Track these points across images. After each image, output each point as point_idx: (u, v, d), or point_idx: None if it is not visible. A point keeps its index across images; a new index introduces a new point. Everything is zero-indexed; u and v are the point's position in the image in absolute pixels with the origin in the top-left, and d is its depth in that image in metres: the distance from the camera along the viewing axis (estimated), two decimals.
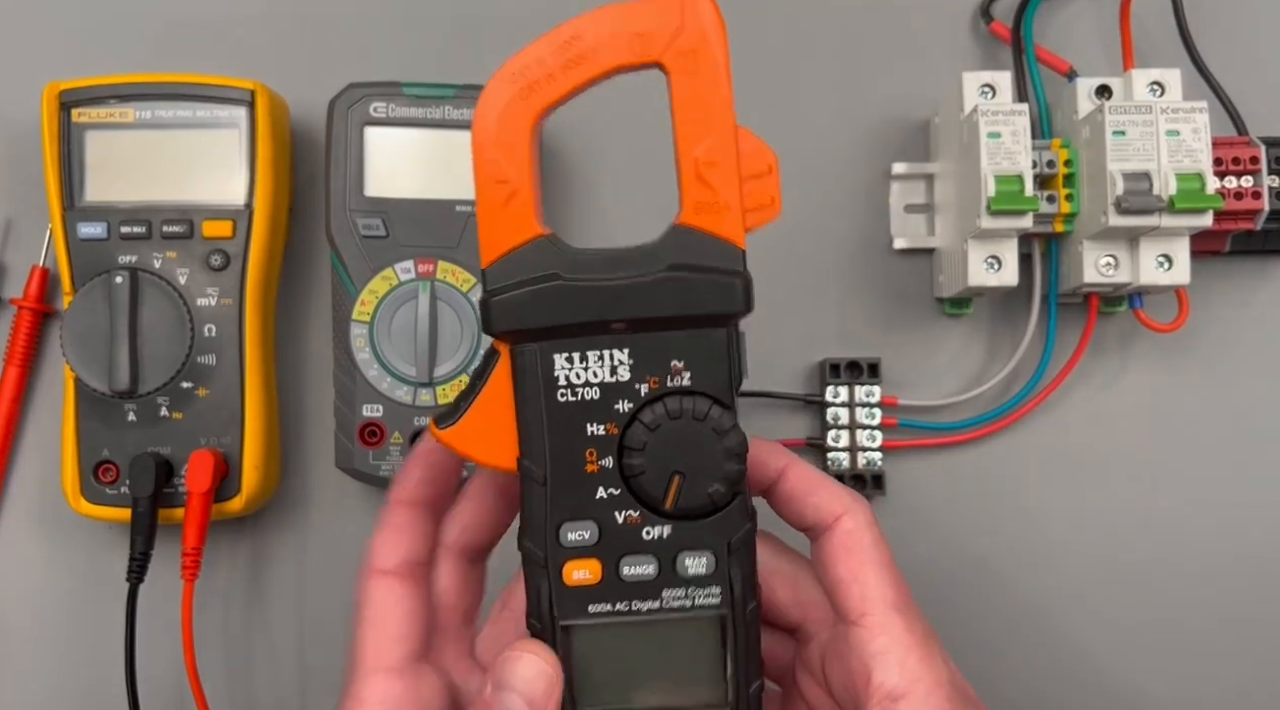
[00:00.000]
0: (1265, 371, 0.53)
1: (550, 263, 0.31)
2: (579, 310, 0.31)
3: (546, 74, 0.31)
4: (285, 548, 0.52)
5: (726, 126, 0.31)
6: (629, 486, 0.32)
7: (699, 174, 0.31)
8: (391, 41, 0.54)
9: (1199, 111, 0.46)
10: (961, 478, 0.52)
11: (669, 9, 0.30)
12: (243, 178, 0.49)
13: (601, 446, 0.32)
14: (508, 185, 0.31)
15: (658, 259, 0.31)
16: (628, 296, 0.31)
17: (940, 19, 0.54)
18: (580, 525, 0.32)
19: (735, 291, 0.31)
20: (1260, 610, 0.52)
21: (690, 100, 0.31)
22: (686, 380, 0.31)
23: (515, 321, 0.31)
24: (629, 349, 0.31)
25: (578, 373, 0.32)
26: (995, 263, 0.48)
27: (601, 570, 0.32)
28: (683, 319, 0.31)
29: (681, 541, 0.32)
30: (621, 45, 0.30)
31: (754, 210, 0.31)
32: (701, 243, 0.31)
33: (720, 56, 0.30)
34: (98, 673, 0.50)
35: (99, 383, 0.47)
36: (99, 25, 0.53)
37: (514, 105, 0.31)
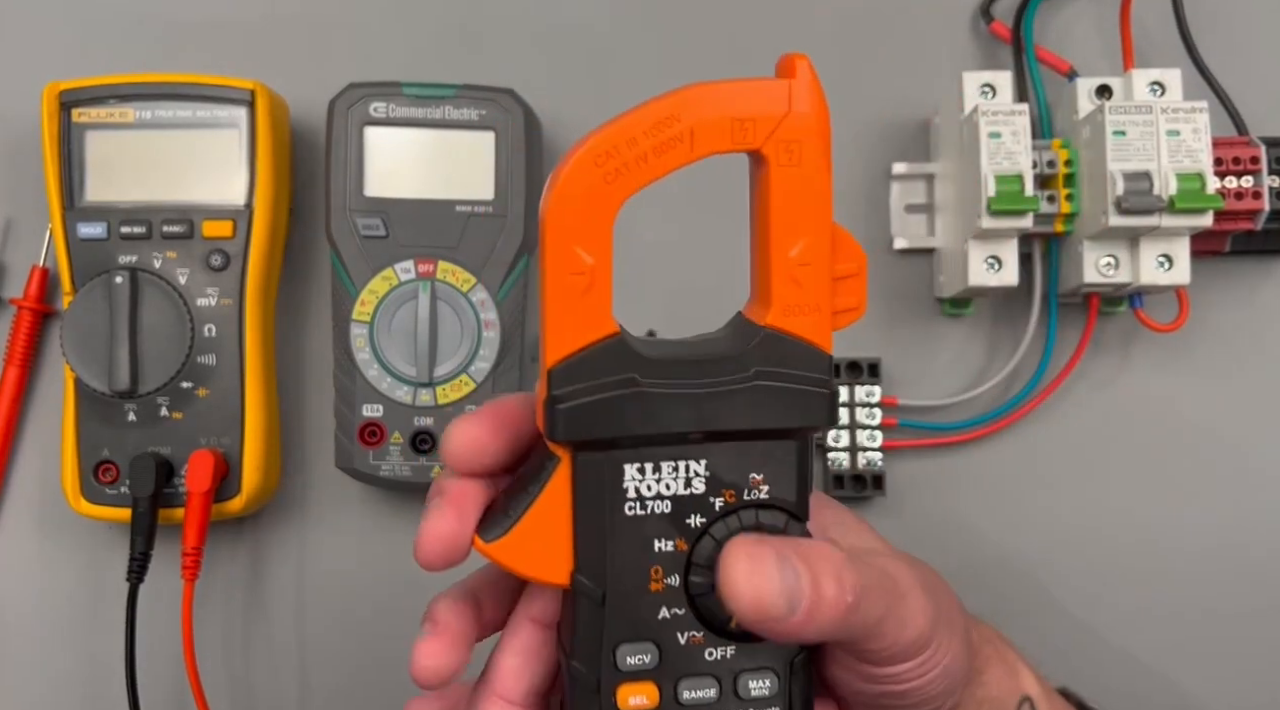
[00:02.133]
0: (1265, 371, 0.53)
1: (626, 365, 0.28)
2: (658, 421, 0.28)
3: (638, 156, 0.27)
4: (285, 548, 0.52)
5: (824, 225, 0.28)
6: (693, 605, 0.30)
7: (792, 275, 0.28)
8: (391, 41, 0.54)
9: (1199, 111, 0.46)
10: (961, 478, 0.52)
11: (776, 94, 0.28)
12: (243, 178, 0.49)
13: (669, 563, 0.29)
14: (585, 277, 0.27)
15: (743, 364, 0.29)
16: (714, 408, 0.29)
17: (940, 19, 0.54)
18: (639, 647, 0.30)
19: (822, 404, 0.29)
20: (1260, 610, 0.52)
21: (789, 194, 0.28)
22: (764, 493, 0.30)
23: (587, 431, 0.28)
24: (706, 460, 0.29)
25: (649, 485, 0.29)
26: (995, 263, 0.48)
27: (659, 695, 0.30)
28: (767, 431, 0.29)
29: (744, 662, 0.30)
30: (723, 131, 0.27)
31: (842, 312, 0.29)
32: (791, 348, 0.29)
33: (824, 150, 0.28)
34: (98, 672, 0.50)
35: (99, 383, 0.47)
36: (99, 25, 0.53)
37: (598, 189, 0.27)
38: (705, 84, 0.28)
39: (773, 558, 0.28)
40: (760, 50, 0.53)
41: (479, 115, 0.49)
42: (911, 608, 0.31)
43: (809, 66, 0.28)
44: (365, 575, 0.52)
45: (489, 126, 0.49)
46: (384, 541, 0.52)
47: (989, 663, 0.36)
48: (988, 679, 0.36)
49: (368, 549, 0.52)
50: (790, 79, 0.28)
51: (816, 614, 0.28)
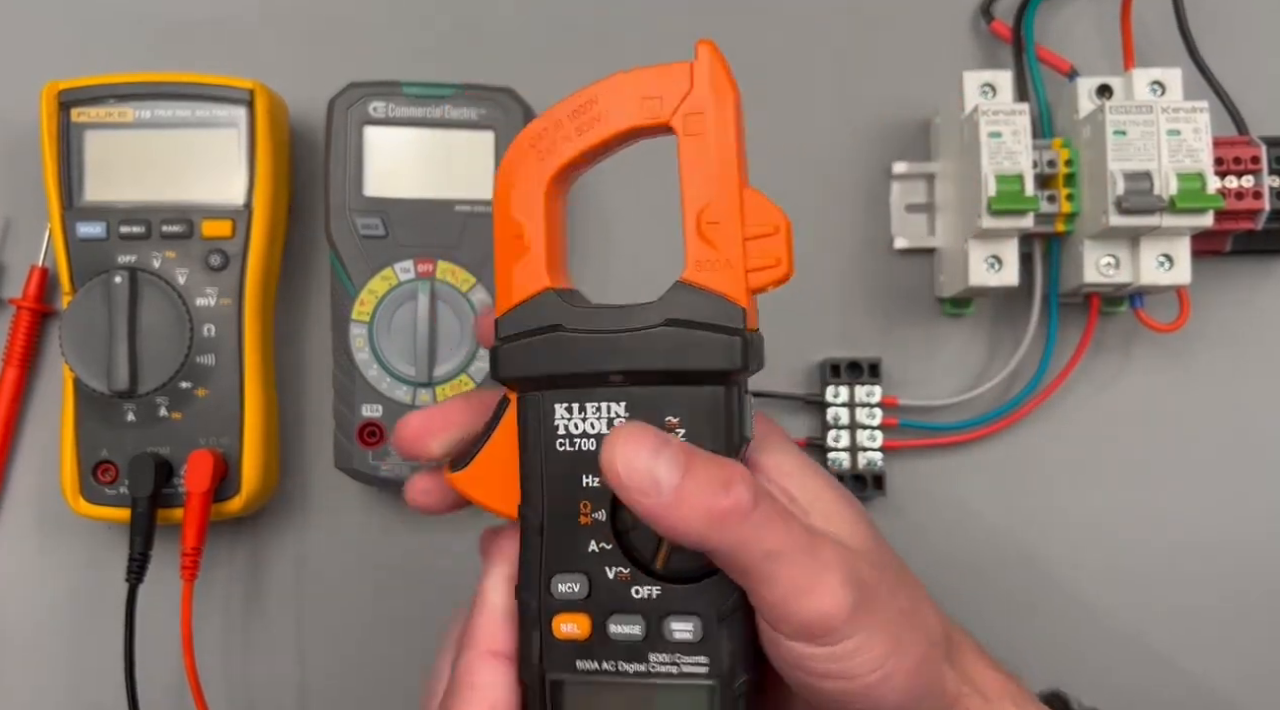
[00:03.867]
0: (1266, 371, 0.53)
1: (555, 315, 0.32)
2: (576, 360, 0.31)
3: (563, 136, 0.32)
4: (284, 548, 0.52)
5: (730, 185, 0.31)
6: (620, 543, 0.32)
7: (701, 231, 0.31)
8: (391, 41, 0.54)
9: (1200, 111, 0.46)
10: (961, 478, 0.52)
11: (679, 74, 0.31)
12: (242, 178, 0.49)
13: (595, 499, 0.32)
14: (521, 241, 0.32)
15: (655, 313, 0.31)
16: (623, 348, 0.31)
17: (940, 19, 0.54)
18: (571, 577, 0.32)
19: (733, 349, 0.31)
20: (1260, 609, 0.52)
21: (696, 160, 0.31)
22: (682, 434, 0.31)
23: (516, 369, 0.32)
24: (625, 402, 0.31)
25: (576, 423, 0.32)
26: (996, 262, 0.48)
27: (590, 626, 0.32)
28: (679, 374, 0.31)
29: (670, 604, 0.32)
30: (633, 108, 0.31)
31: (758, 270, 0.31)
32: (701, 299, 0.31)
33: (727, 117, 0.31)
34: (97, 673, 0.50)
35: (98, 383, 0.47)
36: (99, 25, 0.53)
37: (530, 165, 0.32)
38: (623, 72, 0.32)
39: (652, 438, 0.30)
40: (761, 50, 0.53)
41: (479, 115, 0.49)
42: (820, 579, 0.30)
43: (711, 49, 0.31)
44: (365, 575, 0.52)
45: (489, 126, 0.49)
46: (383, 541, 0.52)
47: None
48: None
49: (367, 549, 0.52)
50: (695, 61, 0.31)
51: (685, 503, 0.29)
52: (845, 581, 0.30)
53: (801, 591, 0.30)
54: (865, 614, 0.30)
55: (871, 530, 0.34)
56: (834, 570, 0.30)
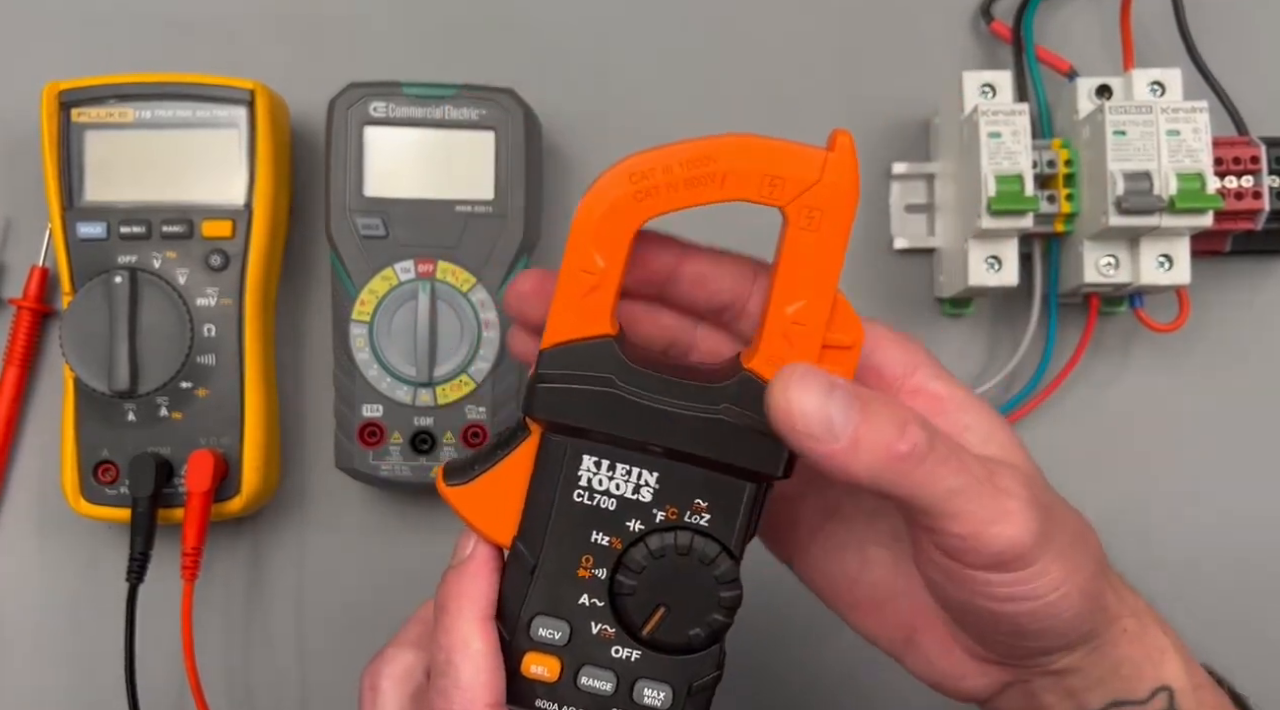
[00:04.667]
0: (1265, 371, 0.53)
1: (608, 366, 0.31)
2: (624, 424, 0.31)
3: (668, 183, 0.30)
4: (285, 548, 0.52)
5: (827, 292, 0.30)
6: (613, 603, 0.32)
7: (784, 330, 0.30)
8: (391, 41, 0.54)
9: (1199, 111, 0.46)
10: None
11: (811, 162, 0.30)
12: (242, 178, 0.49)
13: (600, 556, 0.31)
14: (593, 276, 0.30)
15: (716, 398, 0.30)
16: (675, 426, 0.30)
17: (940, 19, 0.54)
18: (553, 623, 0.32)
19: (780, 454, 0.30)
20: (1261, 608, 0.52)
21: (801, 256, 0.30)
22: (705, 521, 0.31)
23: (556, 413, 0.31)
24: (659, 473, 0.31)
25: (601, 479, 0.31)
26: (995, 263, 0.48)
27: (560, 671, 0.32)
28: (721, 464, 0.31)
29: (646, 669, 0.32)
30: (753, 182, 0.30)
31: None
32: (763, 395, 0.30)
33: (844, 223, 0.30)
34: (97, 672, 0.50)
35: (99, 383, 0.47)
36: (99, 25, 0.53)
37: (625, 203, 0.30)
38: (753, 137, 0.30)
39: (823, 381, 0.29)
40: (761, 50, 0.53)
41: (479, 115, 0.49)
42: (1005, 507, 0.30)
43: (850, 144, 0.30)
44: (365, 575, 0.52)
45: (489, 126, 0.49)
46: (384, 541, 0.52)
47: (1125, 638, 0.35)
48: (1118, 654, 0.35)
49: (368, 549, 0.52)
50: (829, 152, 0.30)
51: (862, 448, 0.29)
52: (1030, 506, 0.30)
53: (989, 522, 0.30)
54: (1048, 538, 0.31)
55: (1030, 456, 0.34)
56: (1017, 498, 0.30)
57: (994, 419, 0.33)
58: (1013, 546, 0.30)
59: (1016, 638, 0.32)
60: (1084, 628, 0.33)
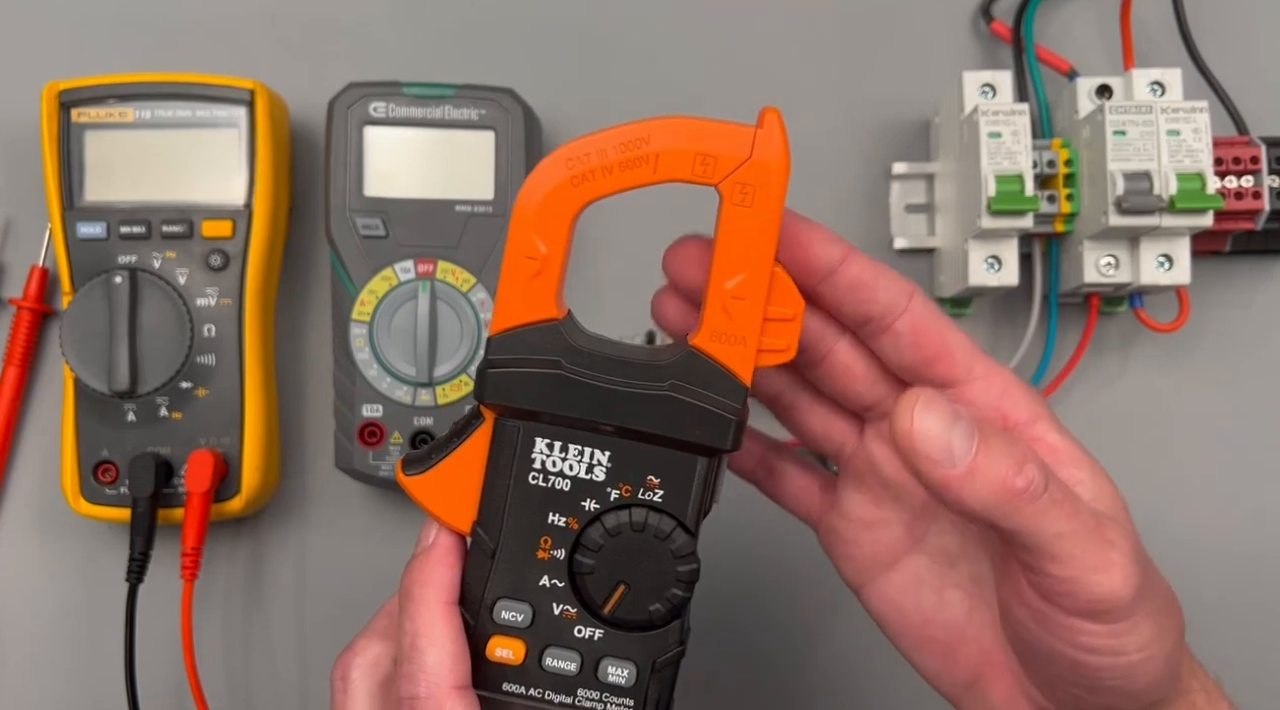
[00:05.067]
0: (1266, 371, 0.53)
1: (555, 348, 0.31)
2: (572, 405, 0.31)
3: (603, 166, 0.30)
4: (285, 548, 0.52)
5: (763, 266, 0.31)
6: (573, 582, 0.32)
7: (724, 305, 0.31)
8: (391, 41, 0.54)
9: (1199, 111, 0.46)
10: None
11: (740, 139, 0.30)
12: (242, 178, 0.49)
13: (558, 537, 0.32)
14: (536, 262, 0.31)
15: (662, 375, 0.31)
16: (623, 404, 0.31)
17: (940, 19, 0.54)
18: (516, 606, 0.32)
19: (727, 428, 0.31)
20: (1260, 610, 0.52)
21: (735, 231, 0.30)
22: (658, 497, 0.31)
23: (506, 398, 0.31)
24: (610, 452, 0.31)
25: (555, 461, 0.32)
26: (996, 262, 0.48)
27: (525, 653, 0.32)
28: (670, 439, 0.31)
29: (609, 648, 0.32)
30: (685, 161, 0.30)
31: (768, 351, 0.31)
32: (709, 371, 0.31)
33: (776, 197, 0.30)
34: (97, 673, 0.50)
35: (99, 383, 0.47)
36: (99, 25, 0.53)
37: (562, 188, 0.30)
38: (684, 118, 0.30)
39: (947, 409, 0.30)
40: (761, 50, 0.53)
41: (479, 115, 0.49)
42: (1110, 557, 0.30)
43: (777, 120, 0.30)
44: (365, 575, 0.52)
45: (489, 126, 0.49)
46: (384, 542, 0.52)
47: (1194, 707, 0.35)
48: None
49: (367, 549, 0.52)
50: (759, 128, 0.30)
51: (978, 478, 0.29)
52: (1133, 562, 0.31)
53: (1093, 569, 0.30)
54: (1145, 596, 0.31)
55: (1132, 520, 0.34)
56: (1121, 550, 0.31)
57: (1105, 480, 0.34)
58: (1113, 596, 0.30)
59: (1090, 692, 0.32)
60: (1159, 693, 0.33)
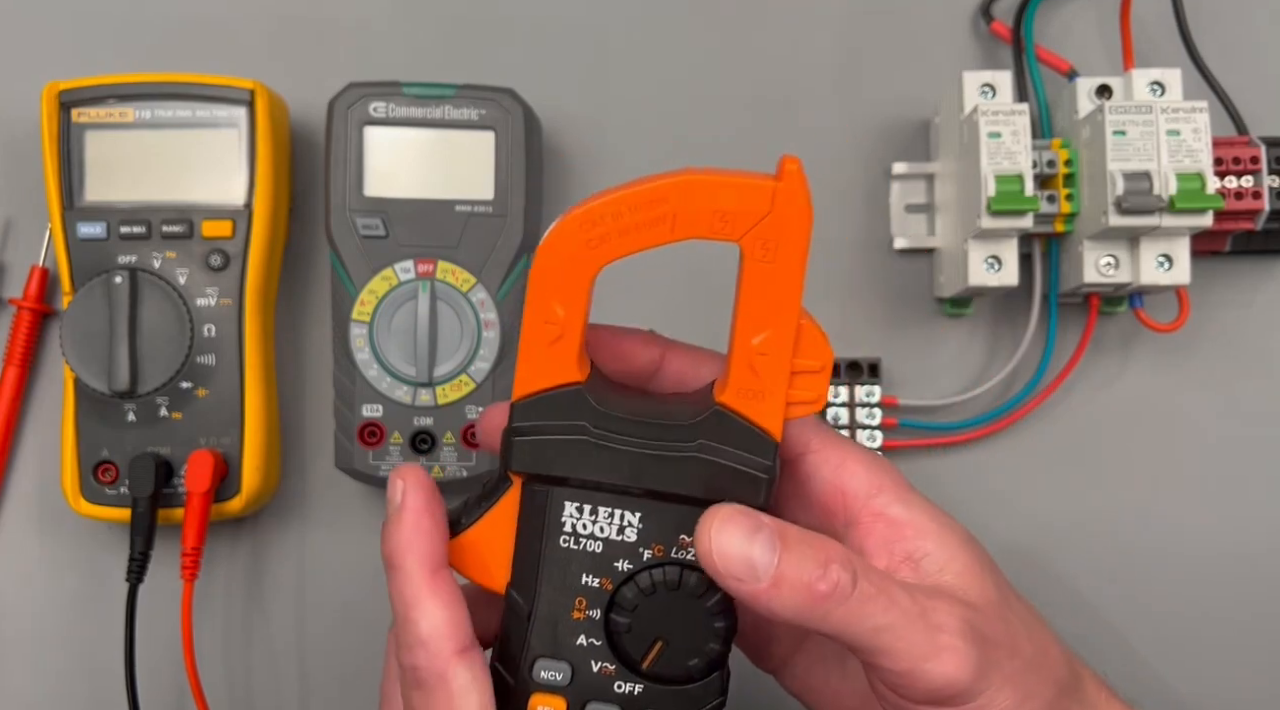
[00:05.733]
0: (1266, 371, 0.53)
1: (580, 413, 0.31)
2: (600, 470, 0.31)
3: (620, 228, 0.30)
4: (285, 548, 0.52)
5: (789, 321, 0.30)
6: (610, 641, 0.32)
7: (750, 362, 0.30)
8: (391, 41, 0.54)
9: (1199, 111, 0.46)
10: (961, 478, 0.52)
11: (760, 195, 0.29)
12: (242, 178, 0.49)
13: (592, 597, 0.32)
14: (555, 327, 0.31)
15: (690, 435, 0.31)
16: (652, 467, 0.31)
17: (940, 19, 0.54)
18: (555, 665, 0.32)
19: (759, 486, 0.31)
20: (1261, 610, 0.52)
21: (759, 287, 0.30)
22: (691, 555, 0.31)
23: (534, 466, 0.31)
24: (641, 513, 0.31)
25: (585, 523, 0.31)
26: (995, 262, 0.48)
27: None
28: (702, 501, 0.31)
29: (650, 701, 0.32)
30: (704, 221, 0.29)
31: (797, 404, 0.31)
32: (737, 429, 0.31)
33: (799, 250, 0.30)
34: (97, 673, 0.50)
35: (99, 383, 0.47)
36: (99, 25, 0.53)
37: (580, 252, 0.30)
38: (698, 173, 0.30)
39: (747, 521, 0.30)
40: (761, 50, 0.53)
41: (479, 115, 0.49)
42: (939, 642, 0.30)
43: (798, 171, 0.29)
44: (365, 575, 0.52)
45: (489, 126, 0.49)
46: None
47: None
48: None
49: (367, 549, 0.52)
50: (778, 181, 0.29)
51: (784, 588, 0.29)
52: (966, 641, 0.30)
53: (922, 658, 0.30)
54: (991, 669, 0.31)
55: (996, 576, 0.34)
56: (952, 632, 0.30)
57: (957, 544, 0.33)
58: (949, 684, 0.30)
59: None
60: None
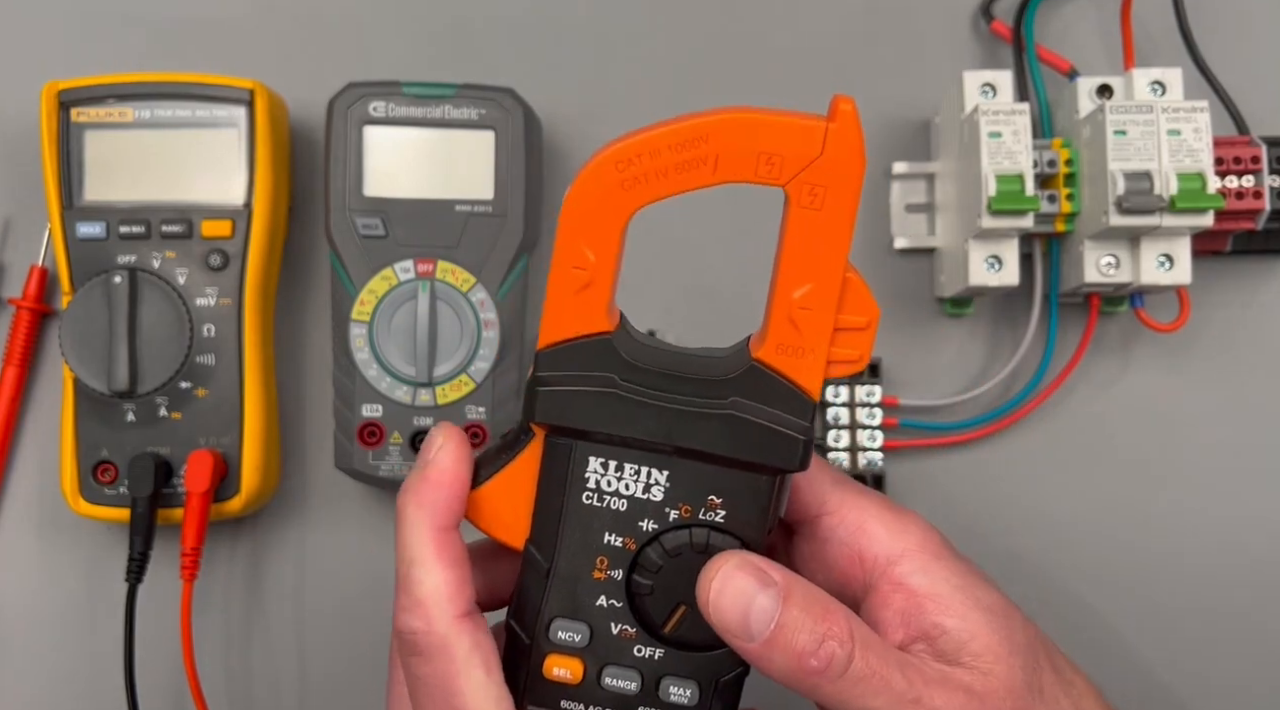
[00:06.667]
0: (1266, 371, 0.53)
1: (609, 364, 0.29)
2: (628, 425, 0.29)
3: (658, 168, 0.27)
4: (284, 548, 0.52)
5: (834, 274, 0.28)
6: (631, 603, 0.31)
7: (791, 316, 0.28)
8: (391, 41, 0.54)
9: (1200, 111, 0.46)
10: (962, 478, 0.52)
11: (810, 135, 0.27)
12: (242, 177, 0.49)
13: (615, 557, 0.31)
14: (585, 273, 0.28)
15: (722, 391, 0.29)
16: (682, 424, 0.29)
17: (940, 19, 0.54)
18: (573, 625, 0.31)
19: (795, 448, 0.29)
20: (1261, 610, 0.52)
21: (805, 236, 0.28)
22: (720, 517, 0.30)
23: (558, 417, 0.29)
24: (669, 472, 0.30)
25: (610, 480, 0.30)
26: (996, 262, 0.48)
27: (583, 672, 0.31)
28: (734, 461, 0.29)
29: (670, 667, 0.31)
30: (748, 162, 0.27)
31: (839, 363, 0.29)
32: (774, 386, 0.29)
33: (851, 197, 0.27)
34: (96, 673, 0.50)
35: (98, 383, 0.47)
36: (99, 25, 0.53)
37: (613, 194, 0.28)
38: (744, 110, 0.27)
39: (752, 581, 0.29)
40: (761, 51, 0.53)
41: (479, 115, 0.49)
42: None
43: (852, 112, 0.27)
44: (364, 576, 0.52)
45: (489, 126, 0.49)
46: (383, 542, 0.52)
47: None
48: None
49: (367, 549, 0.52)
50: (830, 122, 0.27)
51: (776, 653, 0.29)
52: None
53: None
54: None
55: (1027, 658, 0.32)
56: None
57: (980, 621, 0.31)
58: None
59: None
60: None
